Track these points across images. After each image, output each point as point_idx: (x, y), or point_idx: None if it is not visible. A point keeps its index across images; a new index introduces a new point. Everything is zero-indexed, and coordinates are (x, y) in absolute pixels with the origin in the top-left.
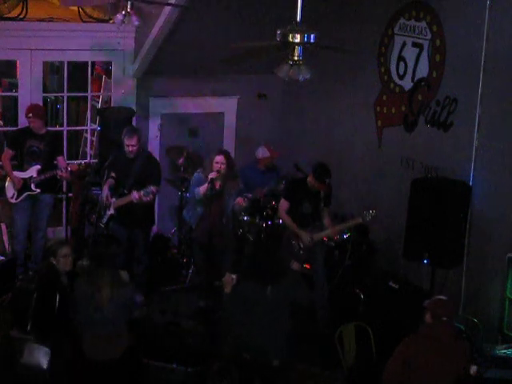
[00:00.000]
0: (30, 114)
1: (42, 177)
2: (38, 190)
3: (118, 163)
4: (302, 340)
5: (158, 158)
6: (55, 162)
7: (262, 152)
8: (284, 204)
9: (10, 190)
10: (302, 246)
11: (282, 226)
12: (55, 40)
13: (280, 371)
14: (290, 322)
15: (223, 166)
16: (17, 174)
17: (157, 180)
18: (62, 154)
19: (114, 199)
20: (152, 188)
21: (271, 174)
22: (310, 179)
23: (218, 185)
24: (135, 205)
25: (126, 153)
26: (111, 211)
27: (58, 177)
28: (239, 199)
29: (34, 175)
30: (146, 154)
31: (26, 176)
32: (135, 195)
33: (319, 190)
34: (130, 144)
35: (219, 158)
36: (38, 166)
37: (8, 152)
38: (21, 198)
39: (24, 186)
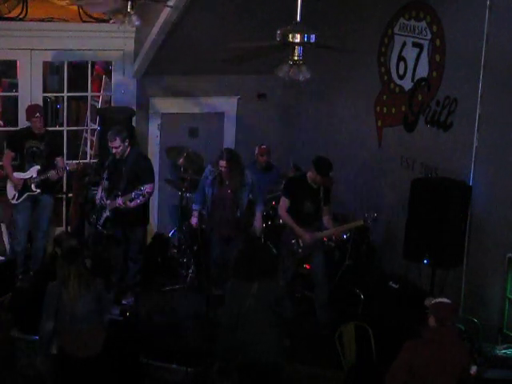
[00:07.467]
0: (38, 114)
1: (42, 177)
2: (38, 191)
3: (111, 164)
4: (302, 340)
5: (158, 158)
6: (55, 162)
7: (255, 150)
8: (284, 202)
9: (10, 191)
10: (301, 244)
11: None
12: (55, 40)
13: (274, 371)
14: (276, 321)
15: (225, 169)
16: (17, 174)
17: (149, 178)
18: (62, 155)
19: (109, 201)
20: (142, 190)
21: (270, 174)
22: (310, 174)
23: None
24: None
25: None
26: (107, 213)
27: (53, 175)
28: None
29: (34, 175)
30: (135, 154)
31: (27, 177)
32: (119, 201)
33: (320, 184)
34: (113, 146)
35: (222, 163)
36: (38, 167)
37: (9, 154)
38: (21, 198)
39: (24, 186)
